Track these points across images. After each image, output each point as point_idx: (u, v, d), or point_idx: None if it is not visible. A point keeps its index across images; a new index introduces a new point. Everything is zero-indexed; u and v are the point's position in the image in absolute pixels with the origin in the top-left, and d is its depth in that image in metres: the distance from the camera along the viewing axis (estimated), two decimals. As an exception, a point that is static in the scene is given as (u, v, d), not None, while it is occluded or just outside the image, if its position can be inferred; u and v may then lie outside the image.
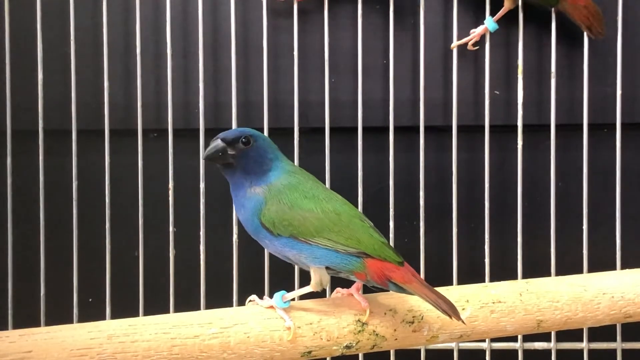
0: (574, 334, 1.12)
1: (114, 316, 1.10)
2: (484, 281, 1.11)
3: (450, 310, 0.79)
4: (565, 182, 1.18)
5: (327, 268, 0.82)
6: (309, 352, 0.81)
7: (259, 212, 0.81)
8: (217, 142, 0.83)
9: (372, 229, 0.82)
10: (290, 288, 1.00)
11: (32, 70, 1.13)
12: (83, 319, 1.05)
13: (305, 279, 1.06)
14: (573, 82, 1.18)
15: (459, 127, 1.14)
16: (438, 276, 0.94)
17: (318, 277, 0.82)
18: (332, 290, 0.90)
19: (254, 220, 0.82)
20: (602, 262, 1.11)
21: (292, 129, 1.13)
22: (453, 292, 0.89)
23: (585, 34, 1.13)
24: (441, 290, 0.91)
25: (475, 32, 1.13)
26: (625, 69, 1.14)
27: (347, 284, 0.89)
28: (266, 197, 0.82)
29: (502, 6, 1.14)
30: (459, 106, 1.14)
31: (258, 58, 1.15)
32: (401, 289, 0.80)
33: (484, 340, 1.15)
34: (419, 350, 1.15)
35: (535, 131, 1.18)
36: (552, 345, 1.15)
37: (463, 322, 0.81)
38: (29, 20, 1.14)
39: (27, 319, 1.06)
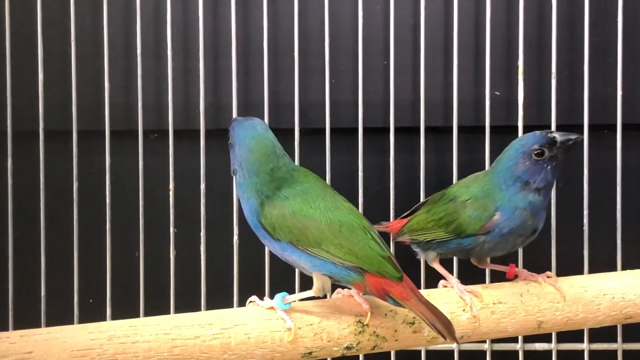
0: (574, 335, 1.12)
1: (115, 317, 1.10)
2: (484, 282, 1.11)
3: (445, 330, 0.78)
4: (566, 183, 1.18)
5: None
6: (310, 353, 0.81)
7: (257, 212, 0.81)
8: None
9: (374, 241, 0.81)
10: (291, 289, 1.00)
11: (33, 71, 1.13)
12: (84, 319, 1.05)
13: (305, 280, 1.06)
14: (573, 82, 1.18)
15: (459, 128, 1.14)
16: (438, 277, 0.94)
17: (320, 283, 0.81)
18: (332, 291, 0.90)
19: (253, 219, 0.82)
20: (602, 263, 1.11)
21: (293, 129, 1.13)
22: (454, 293, 0.89)
23: (586, 34, 1.13)
24: (442, 291, 0.91)
25: None
26: (626, 69, 1.14)
27: (347, 284, 0.90)
28: (262, 200, 0.81)
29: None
30: (460, 107, 1.14)
31: (258, 58, 1.15)
32: (399, 304, 0.80)
33: (484, 341, 1.15)
34: (419, 351, 1.15)
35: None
36: (552, 346, 1.15)
37: (457, 341, 0.81)
38: (29, 20, 1.14)
39: (27, 319, 1.07)
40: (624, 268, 1.11)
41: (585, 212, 1.13)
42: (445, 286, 0.92)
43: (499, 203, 0.90)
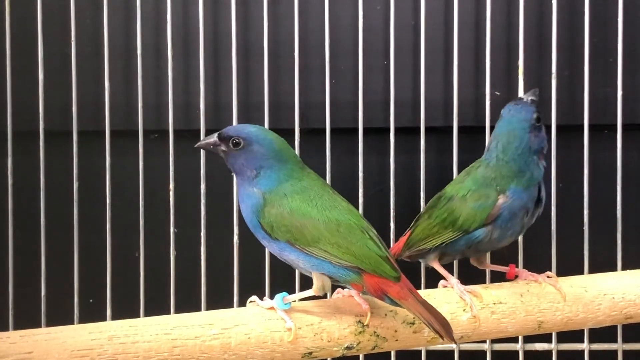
0: (574, 335, 1.12)
1: (115, 317, 1.10)
2: (484, 282, 1.11)
3: (442, 330, 0.78)
4: (566, 183, 1.18)
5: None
6: (310, 353, 0.81)
7: (258, 213, 0.81)
8: (214, 137, 0.84)
9: (372, 241, 0.81)
10: (291, 289, 1.00)
11: (33, 71, 1.13)
12: (84, 319, 1.05)
13: (306, 280, 1.06)
14: (574, 82, 1.18)
15: (459, 128, 1.14)
16: (439, 278, 0.94)
17: (320, 283, 0.82)
18: (332, 290, 0.90)
19: (253, 219, 0.82)
20: (602, 263, 1.11)
21: (293, 129, 1.13)
22: (454, 293, 0.89)
23: (586, 34, 1.13)
24: (442, 291, 0.91)
25: None
26: (626, 69, 1.14)
27: (347, 284, 0.89)
28: (265, 198, 0.81)
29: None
30: (460, 107, 1.14)
31: (258, 58, 1.15)
32: (396, 304, 0.80)
33: (484, 341, 1.15)
34: (419, 351, 1.15)
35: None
36: (552, 346, 1.15)
37: (455, 342, 0.80)
38: (29, 20, 1.14)
39: (27, 319, 1.06)
40: (624, 268, 1.11)
41: (586, 212, 1.13)
42: (445, 286, 0.92)
43: (508, 186, 0.91)
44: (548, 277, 0.94)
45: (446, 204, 0.94)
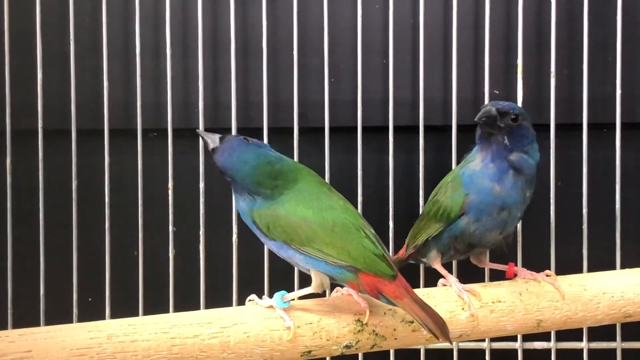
0: (573, 334, 1.13)
1: (114, 316, 1.10)
2: (483, 281, 1.11)
3: (437, 330, 0.78)
4: (565, 182, 1.18)
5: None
6: (309, 352, 0.81)
7: (253, 214, 0.82)
8: (216, 141, 0.85)
9: (369, 239, 0.81)
10: (290, 288, 1.00)
11: (32, 70, 1.13)
12: (83, 318, 1.05)
13: (305, 279, 1.06)
14: (572, 81, 1.18)
15: (458, 127, 1.14)
16: (438, 276, 0.94)
17: (319, 280, 0.82)
18: (331, 289, 0.90)
19: (247, 219, 0.83)
20: (601, 262, 1.11)
21: (292, 128, 1.13)
22: (452, 292, 0.89)
23: (585, 32, 1.13)
24: (441, 290, 0.91)
25: None
26: (625, 68, 1.14)
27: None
28: (260, 203, 0.82)
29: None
30: (459, 106, 1.14)
31: (257, 57, 1.15)
32: (392, 303, 0.80)
33: (483, 340, 1.15)
34: (418, 350, 1.15)
35: (535, 131, 1.17)
36: (551, 344, 1.15)
37: (450, 342, 0.80)
38: (28, 20, 1.14)
39: (26, 318, 1.07)
40: (622, 267, 1.11)
41: (585, 211, 1.13)
42: (444, 285, 0.93)
43: (464, 175, 0.92)
44: (547, 275, 0.94)
45: (435, 196, 0.95)
